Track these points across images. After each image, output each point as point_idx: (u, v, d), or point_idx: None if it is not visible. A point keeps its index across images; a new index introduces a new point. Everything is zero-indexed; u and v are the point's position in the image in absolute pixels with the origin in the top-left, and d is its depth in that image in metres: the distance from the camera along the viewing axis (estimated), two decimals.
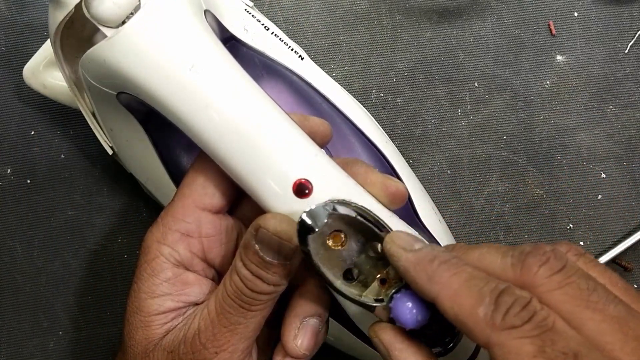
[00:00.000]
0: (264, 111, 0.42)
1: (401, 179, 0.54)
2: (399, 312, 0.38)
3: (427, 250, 0.37)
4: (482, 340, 0.34)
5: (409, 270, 0.37)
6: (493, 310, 0.34)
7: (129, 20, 0.41)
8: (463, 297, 0.35)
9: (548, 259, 0.36)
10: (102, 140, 0.53)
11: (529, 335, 0.33)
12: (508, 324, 0.33)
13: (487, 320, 0.33)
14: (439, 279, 0.35)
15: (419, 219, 0.53)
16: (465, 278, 0.35)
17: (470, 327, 0.34)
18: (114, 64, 0.41)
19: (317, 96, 0.54)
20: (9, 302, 0.62)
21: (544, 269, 0.36)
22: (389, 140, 0.56)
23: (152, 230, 0.45)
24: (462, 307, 0.34)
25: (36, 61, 0.57)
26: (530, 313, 0.33)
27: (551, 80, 0.63)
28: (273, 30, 0.56)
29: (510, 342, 0.33)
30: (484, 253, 0.38)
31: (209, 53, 0.42)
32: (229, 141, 0.41)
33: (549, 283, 0.35)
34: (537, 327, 0.33)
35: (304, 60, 0.56)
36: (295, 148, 0.41)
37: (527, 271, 0.36)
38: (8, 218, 0.62)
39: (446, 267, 0.36)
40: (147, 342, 0.44)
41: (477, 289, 0.34)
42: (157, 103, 0.42)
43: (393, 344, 0.39)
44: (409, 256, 0.37)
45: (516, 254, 0.37)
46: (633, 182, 0.62)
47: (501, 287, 0.34)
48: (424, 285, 0.36)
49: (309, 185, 0.41)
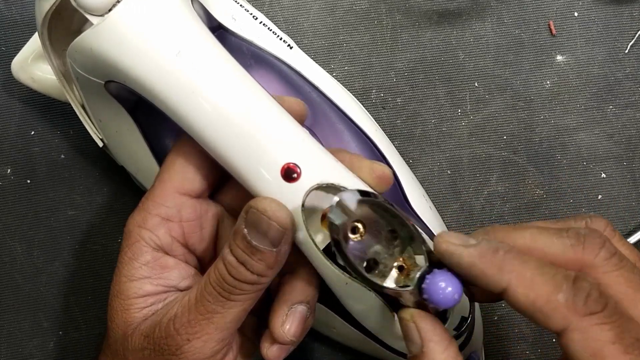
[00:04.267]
0: (251, 96, 0.40)
1: (390, 165, 0.52)
2: (433, 291, 0.37)
3: (485, 242, 0.36)
4: (560, 325, 0.34)
5: (475, 264, 0.36)
6: (574, 296, 0.34)
7: (115, 8, 0.39)
8: (539, 284, 0.34)
9: (605, 242, 0.36)
10: (92, 132, 0.51)
11: (608, 322, 0.33)
12: (590, 310, 0.33)
13: (569, 305, 0.33)
14: (510, 268, 0.35)
15: (409, 205, 0.52)
16: (535, 265, 0.35)
17: (548, 313, 0.34)
18: (101, 52, 0.40)
19: (305, 85, 0.53)
20: (9, 302, 0.60)
21: (604, 252, 0.37)
22: (379, 128, 0.55)
23: (133, 215, 0.44)
24: (540, 294, 0.34)
25: (24, 55, 0.56)
26: (606, 299, 0.34)
27: (551, 80, 0.61)
28: (261, 19, 0.54)
29: (592, 328, 0.33)
30: (534, 234, 0.37)
31: (195, 39, 0.40)
32: (216, 126, 0.40)
33: (608, 265, 0.36)
34: (615, 314, 0.33)
35: (293, 49, 0.54)
36: (282, 132, 0.40)
37: (589, 252, 0.36)
38: (8, 218, 0.60)
39: (512, 256, 0.35)
40: (126, 325, 0.42)
41: (550, 275, 0.34)
42: (144, 90, 0.40)
43: (431, 332, 0.37)
44: (471, 251, 0.36)
45: (572, 234, 0.37)
46: (633, 182, 0.60)
47: (571, 273, 0.34)
48: (493, 276, 0.35)
49: (297, 169, 0.39)
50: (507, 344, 0.58)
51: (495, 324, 0.58)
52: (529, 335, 0.58)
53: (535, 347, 0.58)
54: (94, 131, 0.51)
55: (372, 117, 0.55)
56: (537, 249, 0.37)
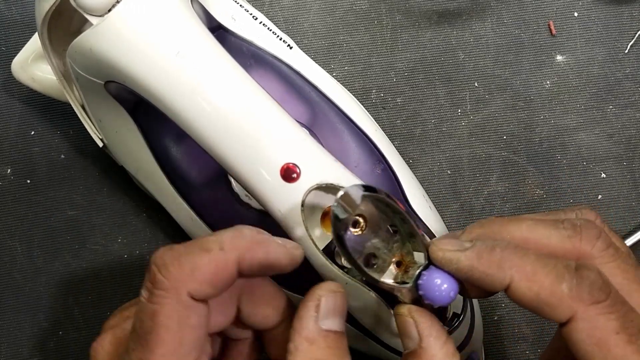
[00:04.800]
0: (250, 96, 0.40)
1: (390, 165, 0.52)
2: (429, 289, 0.37)
3: (480, 243, 0.36)
4: (565, 315, 0.34)
5: (475, 266, 0.35)
6: (577, 285, 0.33)
7: (114, 8, 0.40)
8: (541, 276, 0.34)
9: (601, 233, 0.37)
10: (92, 133, 0.51)
11: (612, 311, 0.33)
12: (595, 299, 0.33)
13: (573, 295, 0.33)
14: (510, 264, 0.35)
15: (409, 205, 0.51)
16: (535, 258, 0.35)
17: (553, 304, 0.34)
18: (101, 52, 0.40)
19: (305, 85, 0.52)
20: (9, 302, 0.60)
21: (600, 242, 0.36)
22: (379, 128, 0.54)
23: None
24: (543, 286, 0.34)
25: (24, 55, 0.56)
26: (609, 288, 0.34)
27: (551, 80, 0.61)
28: (261, 19, 0.54)
29: (597, 317, 0.33)
30: (531, 226, 0.37)
31: (195, 38, 0.40)
32: (215, 127, 0.40)
33: (605, 255, 0.36)
34: (618, 303, 0.33)
35: (293, 50, 0.54)
36: (282, 133, 0.40)
37: (587, 242, 0.36)
38: (8, 218, 0.60)
39: (510, 252, 0.35)
40: None
41: (551, 267, 0.34)
42: (144, 90, 0.40)
43: (430, 327, 0.37)
44: (468, 254, 0.36)
45: (569, 225, 0.37)
46: (633, 182, 0.60)
47: (572, 263, 0.34)
48: (495, 274, 0.35)
49: (297, 169, 0.39)
50: (507, 344, 0.58)
51: (495, 324, 0.58)
52: (529, 335, 0.58)
53: (535, 347, 0.58)
54: (94, 131, 0.51)
55: (372, 117, 0.55)
56: (534, 241, 0.37)
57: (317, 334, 0.36)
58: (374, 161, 0.51)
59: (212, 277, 0.34)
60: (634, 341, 0.33)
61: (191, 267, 0.33)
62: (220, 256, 0.34)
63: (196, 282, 0.33)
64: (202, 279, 0.34)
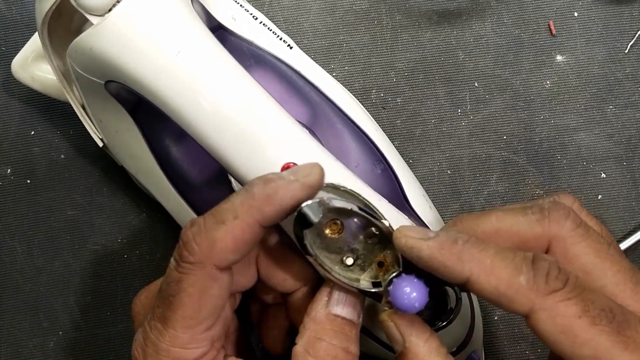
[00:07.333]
0: (250, 96, 0.40)
1: (391, 165, 0.52)
2: (396, 296, 0.37)
3: (444, 234, 0.36)
4: (525, 307, 0.34)
5: (435, 256, 0.35)
6: (534, 276, 0.34)
7: (115, 7, 0.39)
8: (499, 269, 0.34)
9: (569, 213, 0.37)
10: (92, 132, 0.51)
11: (571, 297, 0.33)
12: (552, 288, 0.33)
13: (530, 286, 0.33)
14: (470, 257, 0.35)
15: (409, 205, 0.51)
16: (495, 251, 0.35)
17: (511, 297, 0.34)
18: (101, 52, 0.40)
19: (305, 85, 0.52)
20: (9, 302, 0.59)
21: (569, 222, 0.37)
22: (379, 128, 0.54)
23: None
24: (501, 279, 0.34)
25: (24, 55, 0.55)
26: (566, 275, 0.34)
27: (551, 80, 0.60)
28: (261, 19, 0.54)
29: (556, 305, 0.33)
30: (500, 216, 0.38)
31: (195, 38, 0.40)
32: (215, 126, 0.40)
33: (575, 236, 0.37)
34: (576, 288, 0.34)
35: (293, 50, 0.54)
36: (282, 132, 0.40)
37: (555, 224, 0.37)
38: (8, 218, 0.60)
39: (471, 244, 0.35)
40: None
41: (509, 259, 0.34)
42: (144, 90, 0.40)
43: (409, 327, 0.37)
44: (430, 243, 0.36)
45: (536, 210, 0.37)
46: (633, 182, 0.60)
47: (529, 254, 0.34)
48: (454, 266, 0.35)
49: None
50: (507, 344, 0.58)
51: (495, 324, 0.58)
52: (529, 335, 0.58)
53: (535, 347, 0.58)
54: (94, 131, 0.51)
55: (372, 117, 0.54)
56: (504, 230, 0.37)
57: (324, 317, 0.39)
58: (374, 161, 0.51)
59: (232, 246, 0.36)
60: (597, 322, 0.33)
61: (210, 242, 0.36)
62: (236, 225, 0.36)
63: (217, 254, 0.36)
64: (222, 250, 0.36)
